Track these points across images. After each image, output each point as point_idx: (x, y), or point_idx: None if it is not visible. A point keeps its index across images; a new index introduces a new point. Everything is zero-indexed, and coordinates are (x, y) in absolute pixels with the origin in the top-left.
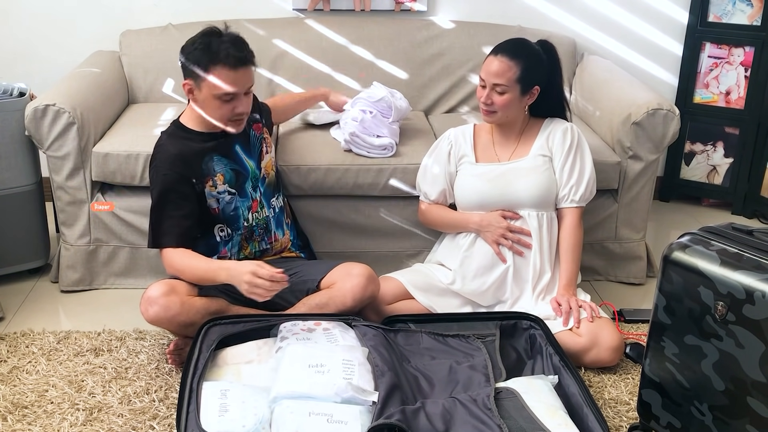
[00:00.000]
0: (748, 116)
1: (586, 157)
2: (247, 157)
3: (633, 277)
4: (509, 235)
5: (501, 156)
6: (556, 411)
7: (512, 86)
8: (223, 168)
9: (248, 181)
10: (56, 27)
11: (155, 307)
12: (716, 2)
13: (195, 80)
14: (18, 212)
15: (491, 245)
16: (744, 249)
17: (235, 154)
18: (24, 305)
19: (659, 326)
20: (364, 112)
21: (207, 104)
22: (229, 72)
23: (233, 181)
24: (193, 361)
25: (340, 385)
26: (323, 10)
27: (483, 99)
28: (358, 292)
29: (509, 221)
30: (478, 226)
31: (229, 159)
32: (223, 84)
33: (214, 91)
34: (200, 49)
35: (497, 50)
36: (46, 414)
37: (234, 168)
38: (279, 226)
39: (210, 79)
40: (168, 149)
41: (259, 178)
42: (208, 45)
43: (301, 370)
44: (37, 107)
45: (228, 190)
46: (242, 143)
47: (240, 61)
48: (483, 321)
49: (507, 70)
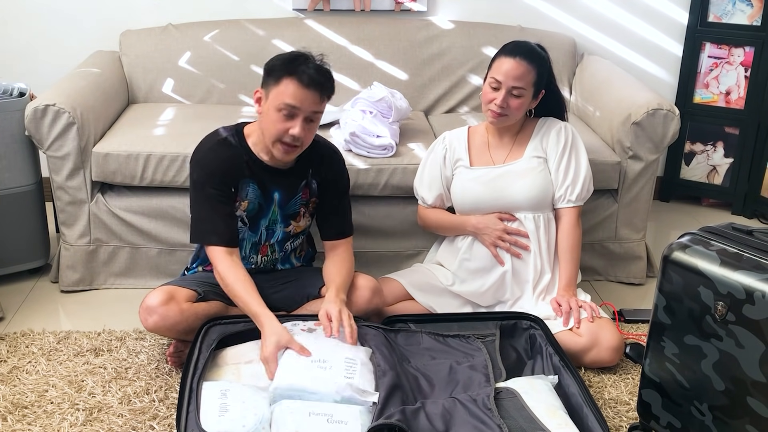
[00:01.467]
0: (748, 116)
1: (581, 156)
2: (278, 207)
3: (633, 277)
4: (506, 237)
5: (496, 159)
6: (556, 411)
7: (529, 89)
8: (254, 197)
9: (265, 220)
10: (56, 27)
11: (154, 317)
12: (716, 2)
13: (266, 88)
14: (18, 212)
15: (489, 248)
16: (744, 249)
17: (270, 197)
18: (24, 305)
19: (659, 326)
20: (364, 112)
21: (267, 115)
22: (298, 87)
23: (253, 213)
24: (193, 361)
25: (340, 383)
26: (323, 10)
27: (498, 102)
28: (363, 305)
29: (506, 223)
30: (475, 228)
31: (263, 195)
32: (287, 96)
33: (277, 100)
34: (283, 60)
35: (513, 52)
36: (46, 414)
37: (261, 203)
38: (286, 262)
39: (277, 88)
40: (221, 153)
41: (280, 223)
42: (293, 60)
43: (303, 364)
44: (37, 107)
45: (243, 218)
46: (284, 195)
47: (314, 83)
48: (483, 321)
49: (527, 73)
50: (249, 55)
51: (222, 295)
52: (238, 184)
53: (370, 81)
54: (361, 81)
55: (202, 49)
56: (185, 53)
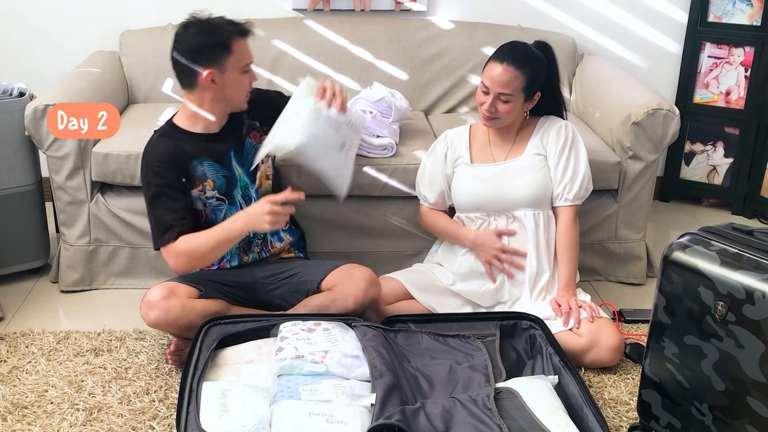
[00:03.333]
0: (748, 116)
1: (580, 154)
2: (238, 165)
3: (633, 277)
4: (502, 257)
5: (497, 156)
6: (556, 411)
7: (517, 95)
8: (214, 174)
9: (237, 189)
10: (56, 27)
11: (156, 311)
12: (716, 2)
13: (217, 64)
14: (18, 212)
15: (483, 264)
16: (744, 249)
17: (228, 161)
18: (24, 305)
19: (659, 326)
20: (364, 112)
21: (233, 83)
22: (244, 41)
23: (223, 188)
24: (193, 361)
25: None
26: (323, 10)
27: (486, 107)
28: (360, 296)
29: (506, 240)
30: (473, 244)
31: (221, 165)
32: (247, 55)
33: (241, 63)
34: (206, 33)
35: (502, 57)
36: (46, 414)
37: (225, 174)
38: (275, 233)
39: (232, 55)
40: (159, 147)
41: (251, 186)
42: (209, 28)
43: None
44: (37, 107)
45: (216, 196)
46: (237, 151)
47: (245, 30)
48: (483, 321)
49: (513, 79)
50: None
51: (224, 293)
52: (189, 169)
53: (370, 81)
54: (361, 81)
55: None
56: None
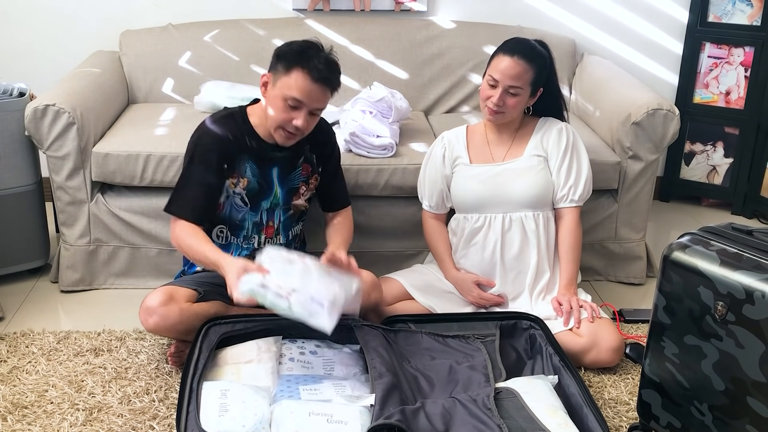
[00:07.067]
0: (748, 116)
1: (582, 156)
2: (279, 185)
3: (633, 277)
4: (481, 303)
5: (496, 156)
6: (556, 411)
7: (526, 88)
8: (252, 177)
9: (267, 201)
10: (56, 27)
11: (154, 317)
12: (716, 2)
13: (274, 74)
14: (18, 212)
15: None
16: (744, 249)
17: (269, 174)
18: (24, 305)
19: (659, 326)
20: (364, 112)
21: (272, 102)
22: (306, 81)
23: (254, 191)
24: (193, 361)
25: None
26: (323, 10)
27: (495, 100)
28: (362, 299)
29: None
30: (453, 283)
31: (261, 174)
32: (295, 89)
33: (285, 91)
34: (296, 50)
35: (512, 50)
36: (46, 414)
37: (261, 182)
38: (285, 235)
39: (286, 78)
40: (219, 127)
41: (281, 206)
42: (304, 50)
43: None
44: (37, 107)
45: (243, 196)
46: (282, 170)
47: (322, 79)
48: (483, 321)
49: (524, 72)
50: (249, 55)
51: (223, 294)
52: (235, 159)
53: (370, 81)
54: (361, 81)
55: (202, 49)
56: (185, 53)
